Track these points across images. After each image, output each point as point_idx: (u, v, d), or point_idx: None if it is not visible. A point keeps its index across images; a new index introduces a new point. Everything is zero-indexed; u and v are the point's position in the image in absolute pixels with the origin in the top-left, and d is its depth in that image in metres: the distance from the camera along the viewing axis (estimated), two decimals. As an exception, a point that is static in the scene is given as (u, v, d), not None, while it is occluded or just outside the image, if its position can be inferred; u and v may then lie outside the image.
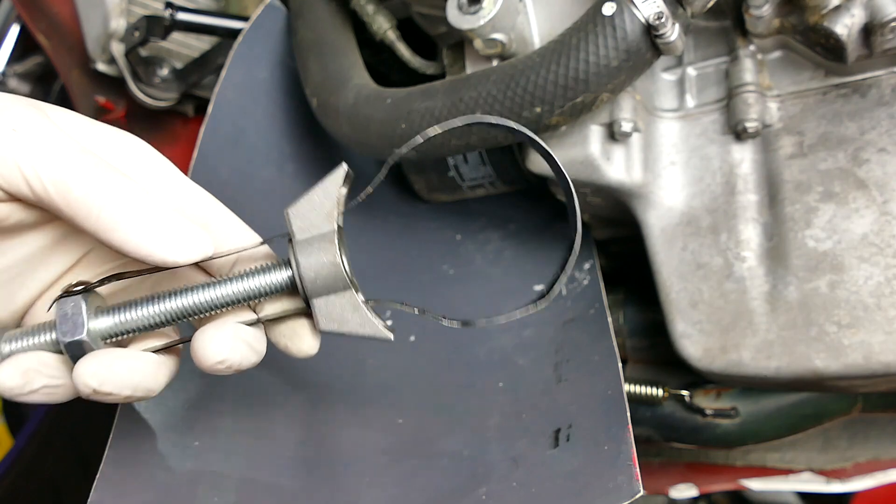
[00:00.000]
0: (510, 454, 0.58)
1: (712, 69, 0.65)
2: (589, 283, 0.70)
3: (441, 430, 0.63)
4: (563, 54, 0.54)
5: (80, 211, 0.40)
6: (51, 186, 0.40)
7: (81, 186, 0.40)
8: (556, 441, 0.57)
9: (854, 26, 0.55)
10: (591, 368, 0.61)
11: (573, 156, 0.62)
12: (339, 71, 0.71)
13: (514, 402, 0.63)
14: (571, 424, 0.57)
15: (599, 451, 0.53)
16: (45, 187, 0.40)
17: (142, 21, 0.84)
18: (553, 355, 0.65)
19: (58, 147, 0.41)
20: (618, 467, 0.50)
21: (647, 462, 0.84)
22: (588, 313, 0.67)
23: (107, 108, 0.97)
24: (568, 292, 0.71)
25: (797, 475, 0.72)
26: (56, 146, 0.40)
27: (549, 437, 0.57)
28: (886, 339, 0.54)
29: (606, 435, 0.54)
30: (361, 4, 0.75)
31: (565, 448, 0.56)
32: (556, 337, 0.67)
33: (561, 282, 0.47)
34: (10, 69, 1.19)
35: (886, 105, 0.58)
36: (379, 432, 0.63)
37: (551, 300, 0.48)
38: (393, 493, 0.58)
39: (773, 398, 0.71)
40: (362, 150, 0.68)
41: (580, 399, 0.59)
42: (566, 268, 0.47)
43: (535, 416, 0.60)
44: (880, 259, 0.55)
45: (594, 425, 0.56)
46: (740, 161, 0.62)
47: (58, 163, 0.40)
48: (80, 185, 0.40)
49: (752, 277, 0.59)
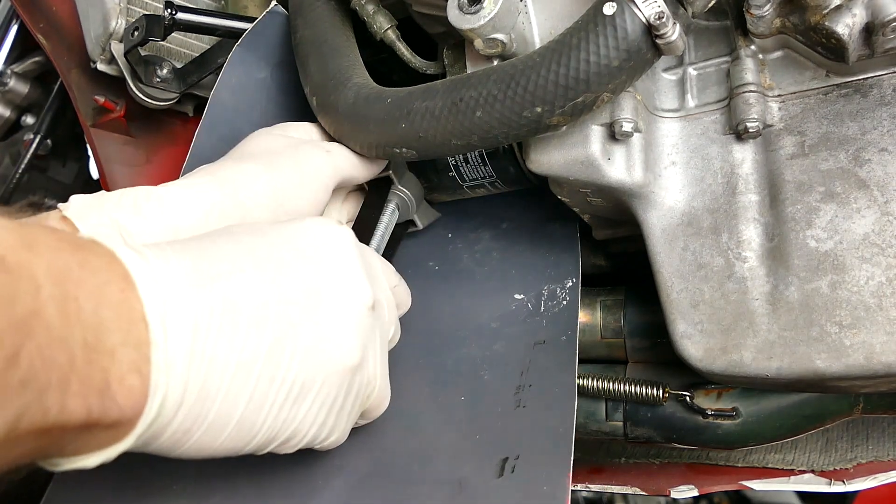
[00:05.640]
0: (457, 475, 0.60)
1: (713, 69, 0.64)
2: (567, 304, 0.70)
3: (395, 437, 0.65)
4: (563, 54, 0.54)
5: (354, 181, 0.72)
6: (346, 176, 0.70)
7: (358, 176, 0.72)
8: (501, 470, 0.59)
9: (855, 26, 0.55)
10: (550, 400, 0.63)
11: (574, 156, 0.62)
12: (338, 70, 0.70)
13: (471, 420, 0.65)
14: (519, 455, 0.59)
15: (538, 490, 0.56)
16: (343, 178, 0.70)
17: (141, 21, 0.84)
18: (518, 377, 0.66)
19: (344, 159, 0.70)
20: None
21: (648, 463, 0.83)
22: (560, 339, 0.68)
23: (106, 107, 0.97)
24: (545, 309, 0.71)
25: (799, 476, 0.72)
26: (343, 158, 0.70)
27: (496, 464, 0.59)
28: (888, 340, 0.53)
29: (547, 476, 0.56)
30: (361, 4, 0.75)
31: (509, 479, 0.58)
32: (525, 357, 0.68)
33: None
34: (10, 69, 1.19)
35: (888, 105, 0.58)
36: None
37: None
38: (341, 495, 0.61)
39: (775, 399, 0.70)
40: (362, 150, 0.68)
41: (532, 430, 0.61)
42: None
43: (488, 440, 0.62)
44: (881, 259, 0.55)
45: (539, 462, 0.58)
46: (741, 161, 0.62)
47: (347, 166, 0.70)
48: (357, 176, 0.72)
49: (754, 278, 0.59)
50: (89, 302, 0.40)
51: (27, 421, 0.38)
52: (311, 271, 0.53)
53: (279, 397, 0.50)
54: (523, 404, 0.64)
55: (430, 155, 0.66)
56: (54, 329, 0.38)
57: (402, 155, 0.64)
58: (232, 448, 0.50)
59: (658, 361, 0.77)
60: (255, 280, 0.49)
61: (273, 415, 0.50)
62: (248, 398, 0.48)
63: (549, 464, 0.57)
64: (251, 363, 0.48)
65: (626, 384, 0.73)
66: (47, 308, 0.38)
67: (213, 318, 0.46)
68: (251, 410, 0.49)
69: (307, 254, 0.54)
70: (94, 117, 0.99)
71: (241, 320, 0.47)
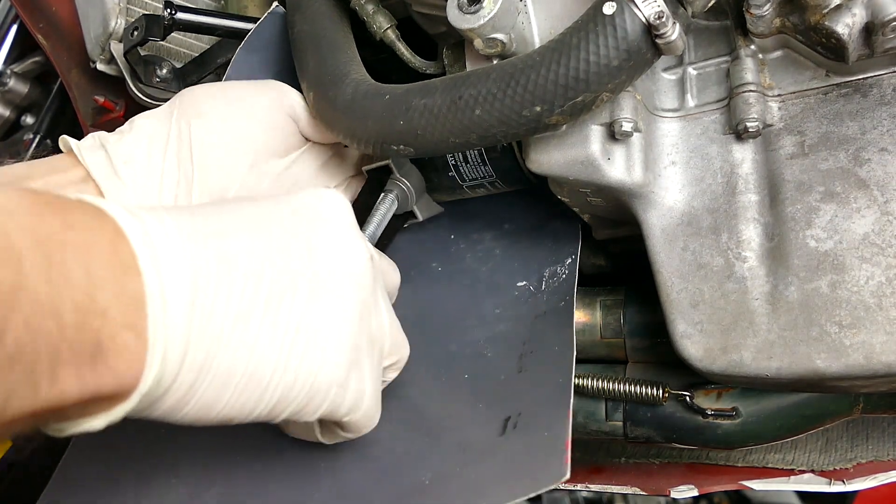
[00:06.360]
0: (460, 441, 0.60)
1: (713, 69, 0.64)
2: (566, 277, 0.71)
3: (401, 418, 0.65)
4: (563, 53, 0.54)
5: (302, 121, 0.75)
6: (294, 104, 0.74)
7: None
8: (504, 429, 0.59)
9: (855, 26, 0.55)
10: (550, 358, 0.63)
11: (573, 155, 0.61)
12: (336, 66, 0.70)
13: (474, 392, 0.65)
14: (521, 413, 0.59)
15: (540, 437, 0.56)
16: (292, 107, 0.74)
17: (141, 20, 0.84)
18: (520, 347, 0.67)
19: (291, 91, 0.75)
20: (552, 452, 0.53)
21: (648, 463, 0.83)
22: (559, 306, 0.68)
23: (106, 107, 0.97)
24: (546, 286, 0.72)
25: (799, 476, 0.72)
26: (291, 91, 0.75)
27: (498, 424, 0.59)
28: (888, 340, 0.53)
29: (548, 421, 0.56)
30: (361, 4, 0.75)
31: (511, 435, 0.58)
32: (526, 330, 0.68)
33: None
34: (10, 69, 1.19)
35: (888, 105, 0.58)
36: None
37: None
38: (343, 480, 0.61)
39: (775, 399, 0.70)
40: (359, 146, 0.68)
41: (534, 388, 0.61)
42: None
43: (491, 405, 0.62)
44: (881, 259, 0.55)
45: (540, 412, 0.58)
46: (741, 161, 0.62)
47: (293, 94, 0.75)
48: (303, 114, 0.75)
49: (753, 277, 0.59)
50: (77, 262, 0.39)
51: (17, 400, 0.36)
52: (306, 230, 0.52)
53: (285, 344, 0.48)
54: (525, 368, 0.64)
55: (427, 153, 0.66)
56: (41, 297, 0.37)
57: (400, 152, 0.64)
58: (240, 407, 0.48)
59: (658, 361, 0.77)
60: (249, 238, 0.48)
61: (282, 365, 0.48)
62: (250, 347, 0.46)
63: (549, 413, 0.57)
64: (250, 313, 0.46)
65: (626, 384, 0.73)
66: (31, 277, 0.36)
67: (209, 269, 0.44)
68: (256, 359, 0.46)
69: (301, 215, 0.53)
70: (94, 117, 0.99)
71: (236, 274, 0.46)
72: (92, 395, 0.40)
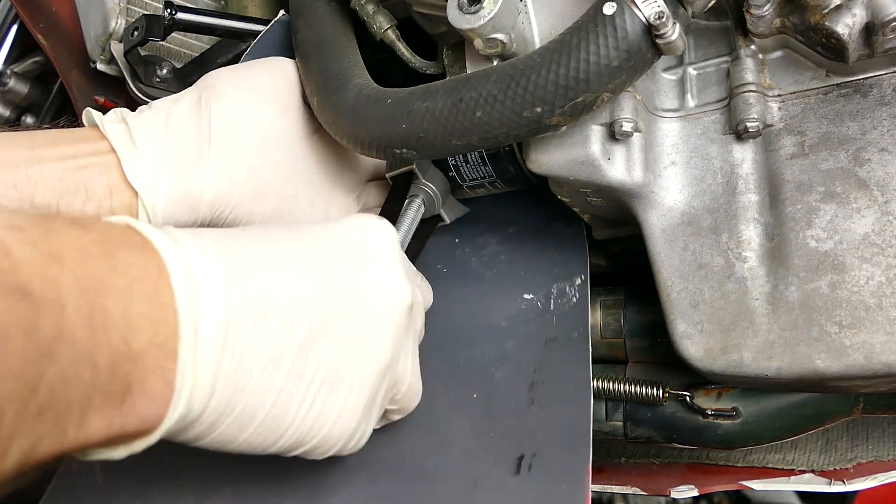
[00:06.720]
0: (472, 473, 0.59)
1: (713, 69, 0.64)
2: (577, 302, 0.70)
3: (410, 442, 0.64)
4: (563, 54, 0.54)
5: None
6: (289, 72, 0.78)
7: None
8: (517, 468, 0.58)
9: (855, 26, 0.55)
10: (564, 397, 0.62)
11: (574, 156, 0.61)
12: (339, 71, 0.70)
13: (485, 417, 0.64)
14: (535, 453, 0.58)
15: (557, 488, 0.55)
16: (287, 77, 0.77)
17: (141, 20, 0.84)
18: (530, 374, 0.66)
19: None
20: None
21: (648, 463, 0.84)
22: (571, 335, 0.67)
23: (106, 107, 0.97)
24: (555, 307, 0.71)
25: (799, 476, 0.72)
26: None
27: (512, 462, 0.59)
28: (888, 340, 0.53)
29: (566, 473, 0.56)
30: (361, 4, 0.75)
31: (525, 477, 0.57)
32: (537, 355, 0.67)
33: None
34: (10, 69, 1.19)
35: (888, 105, 0.58)
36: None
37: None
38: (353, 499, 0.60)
39: (775, 399, 0.70)
40: (363, 150, 0.68)
41: (548, 428, 0.60)
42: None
43: (503, 438, 0.61)
44: (882, 259, 0.55)
45: (556, 459, 0.58)
46: (741, 161, 0.62)
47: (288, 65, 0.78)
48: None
49: (753, 278, 0.59)
50: (118, 305, 0.39)
51: (44, 447, 0.36)
52: (350, 268, 0.52)
53: (309, 394, 0.49)
54: (537, 401, 0.63)
55: (430, 155, 0.66)
56: (79, 345, 0.36)
57: (403, 155, 0.64)
58: (257, 444, 0.49)
59: (658, 361, 0.77)
60: (291, 276, 0.48)
61: (302, 413, 0.49)
62: (276, 393, 0.47)
63: (567, 462, 0.57)
64: (282, 358, 0.47)
65: (626, 384, 0.73)
66: (72, 324, 0.36)
67: (245, 312, 0.45)
68: (279, 406, 0.47)
69: (347, 250, 0.53)
70: (94, 117, 0.99)
71: (274, 315, 0.46)
72: (117, 435, 0.40)
